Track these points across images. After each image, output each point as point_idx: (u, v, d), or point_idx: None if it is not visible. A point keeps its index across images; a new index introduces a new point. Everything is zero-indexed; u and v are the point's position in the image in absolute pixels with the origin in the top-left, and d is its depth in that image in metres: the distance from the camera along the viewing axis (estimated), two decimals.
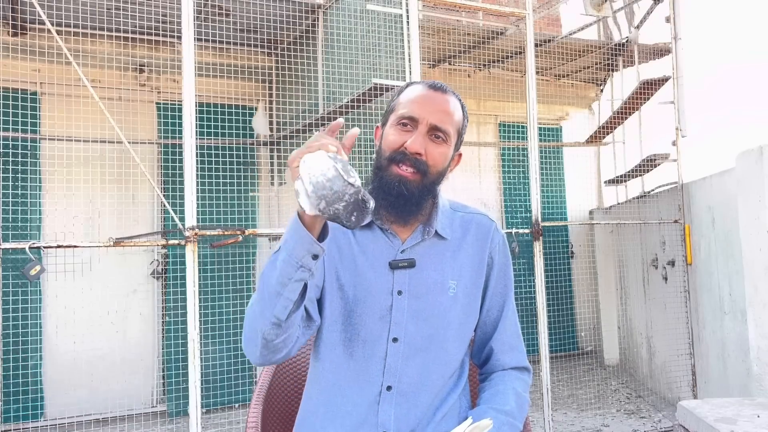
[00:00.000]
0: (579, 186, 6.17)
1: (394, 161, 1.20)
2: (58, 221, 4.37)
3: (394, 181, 1.19)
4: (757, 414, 2.21)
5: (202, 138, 4.39)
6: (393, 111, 1.26)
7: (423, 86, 1.26)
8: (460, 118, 1.27)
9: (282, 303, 1.07)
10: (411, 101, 1.23)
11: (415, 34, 3.40)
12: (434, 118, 1.21)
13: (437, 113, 1.21)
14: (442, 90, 1.26)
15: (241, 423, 4.10)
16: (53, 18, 3.47)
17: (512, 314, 1.35)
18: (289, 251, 1.04)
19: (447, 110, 1.23)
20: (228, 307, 4.57)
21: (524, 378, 1.34)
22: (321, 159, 0.96)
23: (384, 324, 1.22)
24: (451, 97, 1.26)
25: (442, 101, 1.24)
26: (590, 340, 6.00)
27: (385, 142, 1.23)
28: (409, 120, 1.21)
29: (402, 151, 1.20)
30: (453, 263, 1.27)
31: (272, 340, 1.11)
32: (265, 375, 1.53)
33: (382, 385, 1.20)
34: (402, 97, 1.26)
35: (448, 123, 1.22)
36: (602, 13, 4.71)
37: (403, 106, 1.23)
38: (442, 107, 1.23)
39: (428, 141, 1.21)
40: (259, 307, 1.10)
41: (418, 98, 1.23)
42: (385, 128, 1.26)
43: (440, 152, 1.22)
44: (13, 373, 4.06)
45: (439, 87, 1.26)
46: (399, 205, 1.20)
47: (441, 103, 1.23)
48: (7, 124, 4.13)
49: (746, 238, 3.02)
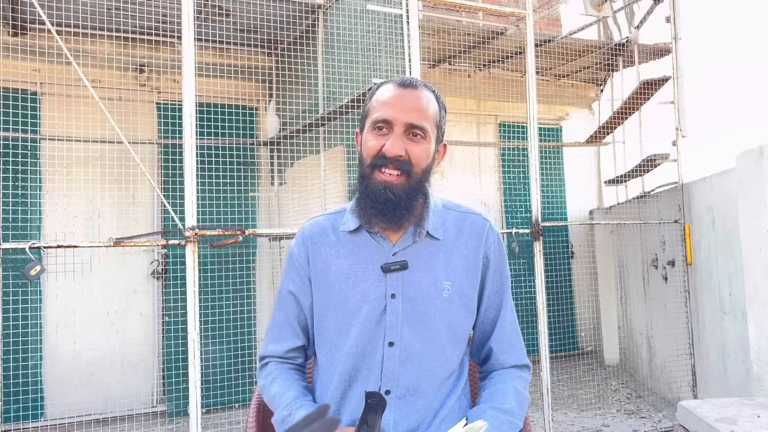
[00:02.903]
0: (579, 186, 6.17)
1: (376, 167, 1.19)
2: (58, 221, 4.37)
3: (380, 187, 1.17)
4: (757, 414, 2.21)
5: (202, 138, 4.39)
6: (368, 115, 1.24)
7: (393, 85, 1.24)
8: (436, 111, 1.25)
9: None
10: (383, 103, 1.21)
11: (415, 34, 3.40)
12: (408, 117, 1.19)
13: (410, 111, 1.19)
14: (413, 86, 1.23)
15: (241, 423, 4.10)
16: (53, 18, 3.47)
17: (510, 312, 1.34)
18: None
19: (420, 106, 1.21)
20: (228, 307, 4.57)
21: (524, 375, 1.33)
22: None
23: (379, 329, 1.21)
24: (423, 92, 1.23)
25: (413, 98, 1.21)
26: (590, 340, 6.00)
27: (365, 148, 1.22)
28: (383, 123, 1.19)
29: (382, 155, 1.18)
30: (447, 264, 1.25)
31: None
32: None
33: (380, 390, 1.20)
34: (374, 100, 1.24)
35: (422, 119, 1.20)
36: (602, 13, 4.71)
37: (376, 110, 1.22)
38: (414, 104, 1.20)
39: (407, 141, 1.19)
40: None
41: (390, 99, 1.21)
42: (363, 134, 1.25)
43: (421, 149, 1.20)
44: (13, 373, 4.05)
45: (408, 84, 1.23)
46: (388, 210, 1.18)
47: (413, 100, 1.21)
48: (7, 124, 4.13)
49: (746, 238, 3.02)
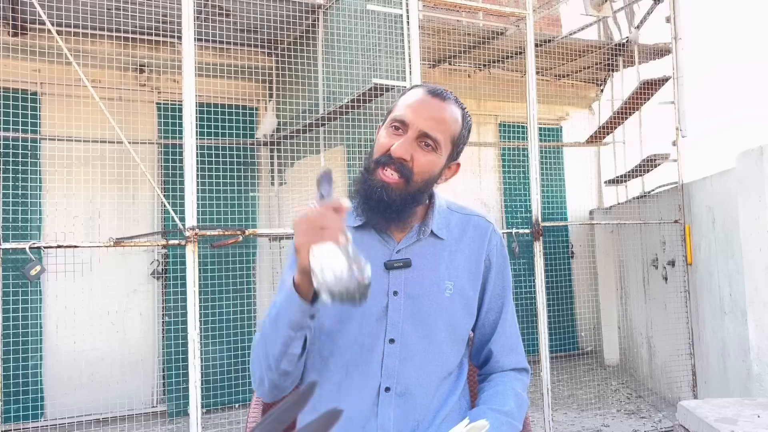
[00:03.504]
0: (579, 186, 6.17)
1: (380, 164, 1.18)
2: (59, 221, 4.37)
3: (377, 186, 1.17)
4: (758, 414, 2.21)
5: (202, 138, 4.39)
6: (391, 112, 1.24)
7: (423, 90, 1.23)
8: (457, 128, 1.22)
9: (287, 359, 1.14)
10: (407, 105, 1.20)
11: (415, 34, 3.40)
12: (424, 125, 1.17)
13: (429, 120, 1.18)
14: (442, 97, 1.21)
15: (241, 423, 4.10)
16: (53, 18, 3.47)
17: (511, 315, 1.34)
18: (288, 318, 1.09)
19: (441, 117, 1.19)
20: (228, 307, 4.57)
21: (523, 379, 1.34)
22: (333, 257, 0.93)
23: (380, 325, 1.21)
24: (450, 105, 1.21)
25: (437, 108, 1.20)
26: (590, 340, 6.00)
27: (377, 143, 1.22)
28: (400, 123, 1.19)
29: (388, 154, 1.17)
30: (450, 264, 1.26)
31: (281, 384, 1.18)
32: None
33: (380, 387, 1.19)
34: (401, 99, 1.24)
35: (438, 131, 1.18)
36: (602, 13, 4.71)
37: (398, 109, 1.21)
38: (435, 114, 1.19)
39: (416, 147, 1.18)
40: (266, 363, 1.15)
41: (414, 102, 1.20)
42: (380, 130, 1.24)
43: (427, 160, 1.18)
44: (13, 373, 4.05)
45: (438, 93, 1.22)
46: (379, 210, 1.18)
47: (436, 110, 1.19)
48: (8, 124, 4.13)
49: (746, 238, 3.01)
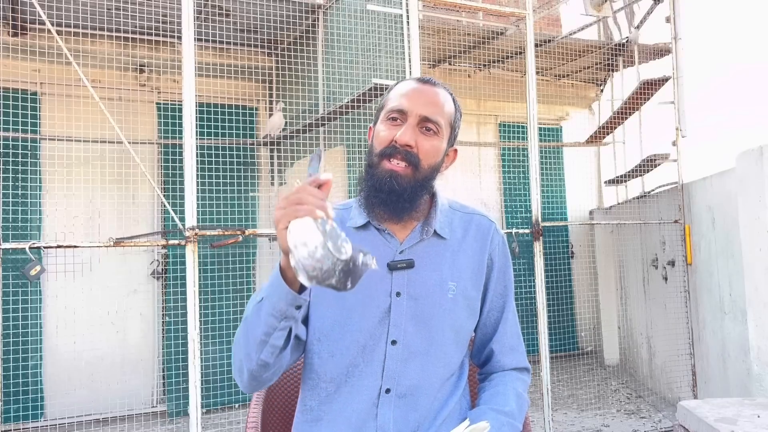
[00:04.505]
0: (579, 186, 6.17)
1: (385, 156, 1.18)
2: (58, 221, 4.37)
3: (386, 176, 1.17)
4: (758, 414, 2.21)
5: (202, 138, 4.39)
6: (383, 107, 1.25)
7: (412, 81, 1.26)
8: (452, 111, 1.26)
9: (268, 350, 1.09)
10: (401, 95, 1.22)
11: (415, 34, 3.40)
12: (424, 110, 1.20)
13: (427, 105, 1.20)
14: (431, 83, 1.25)
15: (241, 423, 4.10)
16: (53, 18, 3.47)
17: (512, 315, 1.34)
18: (272, 304, 1.06)
19: (436, 101, 1.22)
20: (228, 307, 4.57)
21: (524, 378, 1.34)
22: (308, 232, 0.91)
23: (383, 326, 1.20)
24: (440, 90, 1.25)
25: (431, 93, 1.23)
26: (590, 340, 6.00)
27: (376, 138, 1.22)
28: (398, 113, 1.20)
29: (393, 145, 1.18)
30: (452, 264, 1.25)
31: (260, 375, 1.13)
32: None
33: (380, 388, 1.19)
34: (392, 92, 1.26)
35: (438, 114, 1.21)
36: (602, 13, 4.71)
37: (392, 101, 1.23)
38: (431, 99, 1.22)
39: (418, 133, 1.19)
40: (245, 350, 1.11)
41: (408, 92, 1.22)
42: (376, 126, 1.25)
43: (432, 145, 1.20)
44: (13, 373, 4.05)
45: (428, 80, 1.26)
46: (391, 201, 1.18)
47: (430, 95, 1.22)
48: (7, 124, 4.13)
49: (746, 238, 3.01)
